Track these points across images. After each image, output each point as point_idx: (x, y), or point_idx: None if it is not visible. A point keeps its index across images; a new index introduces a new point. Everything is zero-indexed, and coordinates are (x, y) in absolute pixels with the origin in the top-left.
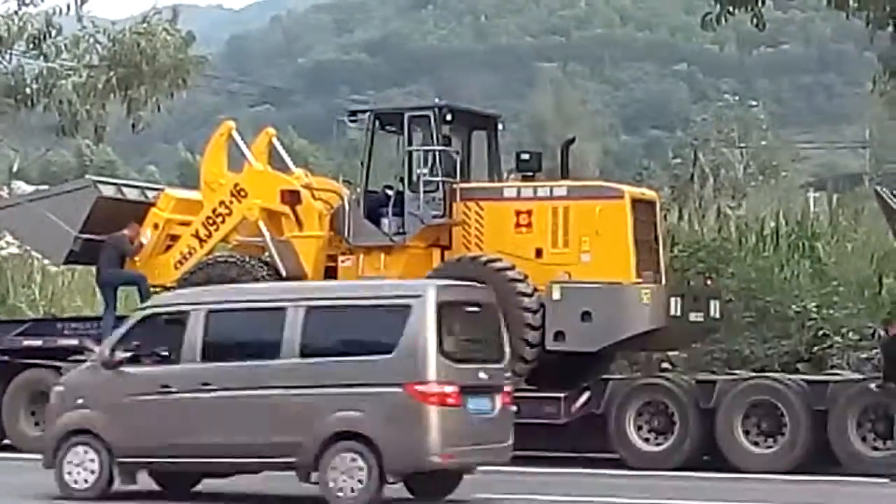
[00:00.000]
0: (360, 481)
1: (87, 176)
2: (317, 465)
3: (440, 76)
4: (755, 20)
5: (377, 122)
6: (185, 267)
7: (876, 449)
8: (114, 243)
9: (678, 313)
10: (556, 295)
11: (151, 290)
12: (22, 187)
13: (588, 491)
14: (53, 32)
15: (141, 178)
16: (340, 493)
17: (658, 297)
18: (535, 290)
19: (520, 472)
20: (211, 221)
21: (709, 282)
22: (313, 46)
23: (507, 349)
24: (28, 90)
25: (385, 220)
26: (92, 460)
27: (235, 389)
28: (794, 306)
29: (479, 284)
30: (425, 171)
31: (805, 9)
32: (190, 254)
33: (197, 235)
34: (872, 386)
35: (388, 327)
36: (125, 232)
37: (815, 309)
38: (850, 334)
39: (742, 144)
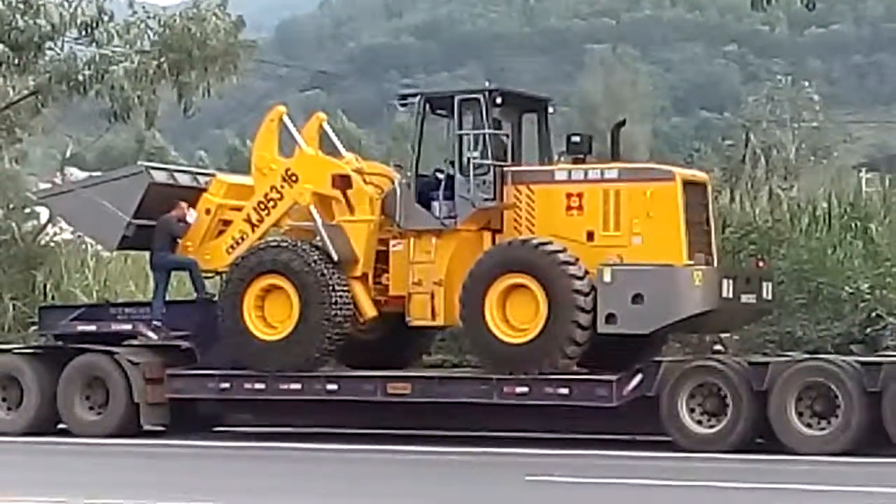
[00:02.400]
0: None
1: (139, 162)
2: None
3: (489, 59)
4: (805, 0)
5: (427, 106)
6: (237, 252)
7: None
8: (162, 226)
9: (730, 295)
10: (607, 277)
11: (203, 275)
12: (75, 174)
13: (640, 474)
14: (105, 19)
15: (190, 163)
16: None
17: (710, 279)
18: (587, 272)
19: (572, 455)
20: (262, 206)
21: (761, 263)
22: (362, 31)
23: None
24: (80, 76)
25: (436, 204)
26: None
27: None
28: (847, 287)
29: None
30: (476, 154)
31: None
32: (242, 239)
33: (249, 220)
34: None
35: None
36: (172, 213)
37: (868, 290)
38: None
39: (794, 125)
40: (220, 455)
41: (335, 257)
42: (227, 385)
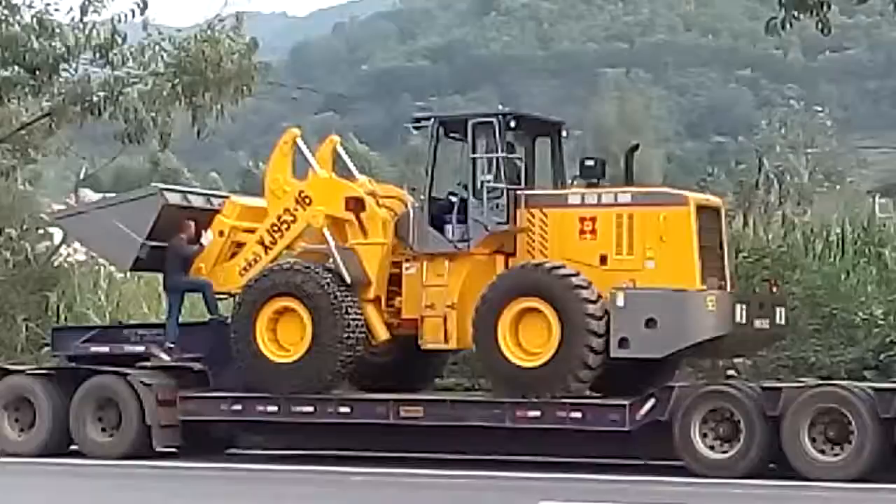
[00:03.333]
0: None
1: (153, 184)
2: None
3: (503, 83)
4: (820, 25)
5: (441, 129)
6: (249, 274)
7: None
8: (174, 248)
9: (743, 320)
10: (620, 302)
11: (216, 297)
12: (89, 195)
13: (653, 499)
14: (120, 41)
15: (204, 185)
16: None
17: (723, 304)
18: (600, 296)
19: (584, 480)
20: (276, 228)
21: (774, 288)
22: (376, 53)
23: None
24: (95, 98)
25: (449, 227)
26: None
27: None
28: (860, 313)
29: None
30: (489, 177)
31: (870, 13)
32: (255, 261)
33: (262, 242)
34: None
35: None
36: (182, 234)
37: (881, 316)
38: None
39: (807, 150)
40: (232, 477)
41: (348, 280)
42: (239, 407)
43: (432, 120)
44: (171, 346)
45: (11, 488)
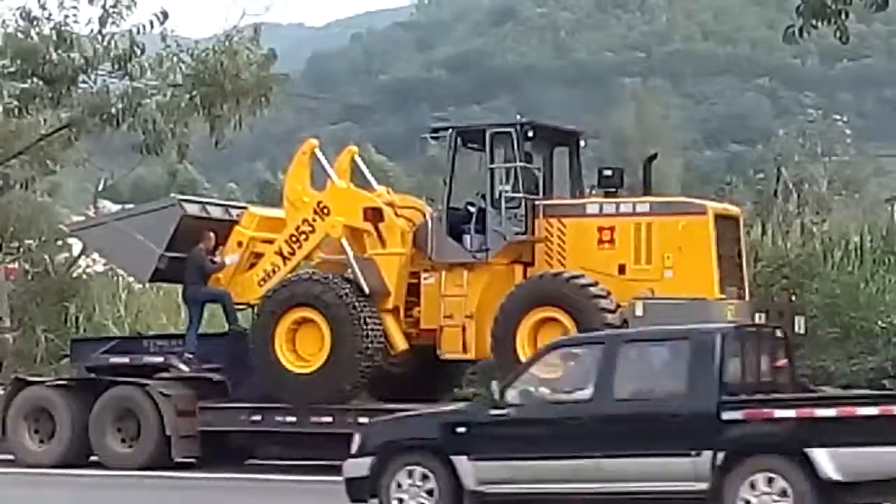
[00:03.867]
0: None
1: (171, 195)
2: None
3: (521, 93)
4: (839, 33)
5: (459, 140)
6: (268, 284)
7: None
8: (194, 259)
9: None
10: (638, 311)
11: (236, 307)
12: (108, 206)
13: None
14: (138, 52)
15: (222, 196)
16: None
17: (742, 313)
18: (619, 306)
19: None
20: (294, 239)
21: (793, 297)
22: (394, 64)
23: None
24: (113, 110)
25: (467, 237)
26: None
27: None
28: (879, 322)
29: None
30: (507, 187)
31: (889, 21)
32: (274, 271)
33: (280, 253)
34: None
35: None
36: (201, 245)
37: None
38: None
39: (825, 159)
40: (250, 488)
41: (366, 290)
42: (258, 418)
43: (450, 130)
44: (191, 356)
45: (31, 499)
